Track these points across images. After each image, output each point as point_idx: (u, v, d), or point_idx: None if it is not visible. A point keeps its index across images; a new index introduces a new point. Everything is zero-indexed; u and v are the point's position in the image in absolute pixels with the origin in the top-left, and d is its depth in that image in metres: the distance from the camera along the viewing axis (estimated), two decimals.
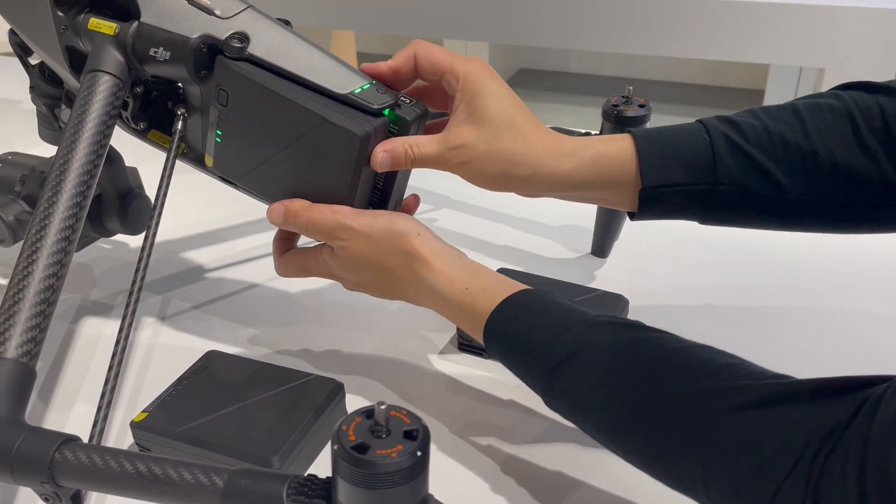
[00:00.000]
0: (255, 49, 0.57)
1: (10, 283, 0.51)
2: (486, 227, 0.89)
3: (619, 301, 0.70)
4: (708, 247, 0.85)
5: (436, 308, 0.57)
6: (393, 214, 0.58)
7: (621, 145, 0.58)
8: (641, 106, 0.73)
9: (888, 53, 1.96)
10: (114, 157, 0.71)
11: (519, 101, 0.58)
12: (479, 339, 0.55)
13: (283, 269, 0.62)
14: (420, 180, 0.99)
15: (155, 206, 0.58)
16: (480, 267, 0.57)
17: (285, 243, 0.63)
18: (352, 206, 0.58)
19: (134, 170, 0.75)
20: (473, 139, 0.56)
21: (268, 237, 0.88)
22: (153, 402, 0.59)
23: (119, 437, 0.60)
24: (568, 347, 0.49)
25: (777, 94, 3.33)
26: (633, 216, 0.60)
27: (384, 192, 0.60)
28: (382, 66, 0.59)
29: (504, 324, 0.53)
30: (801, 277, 0.79)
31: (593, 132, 0.78)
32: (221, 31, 0.58)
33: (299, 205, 0.58)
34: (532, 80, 3.92)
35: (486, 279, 0.55)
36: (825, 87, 2.05)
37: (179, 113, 0.62)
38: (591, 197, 0.61)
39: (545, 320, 0.51)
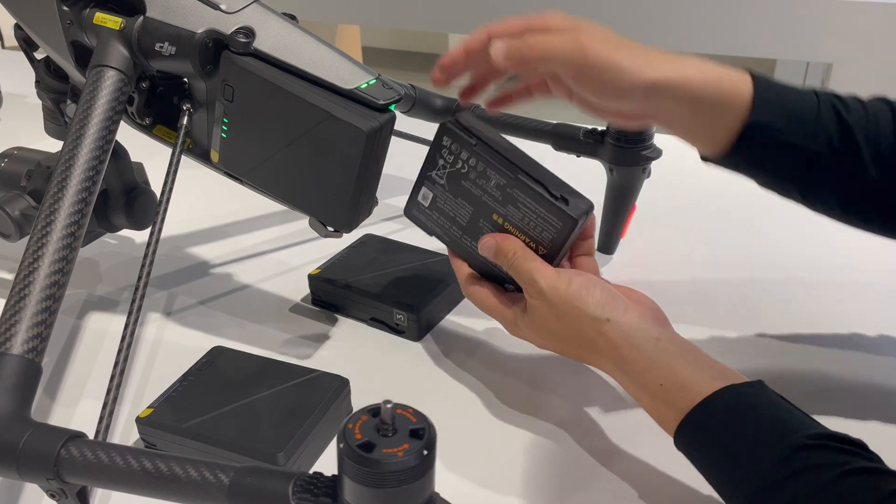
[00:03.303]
0: (261, 44, 0.57)
1: (15, 278, 0.51)
2: None
3: None
4: (713, 246, 0.85)
5: (630, 394, 0.53)
6: (583, 286, 0.54)
7: (736, 74, 0.55)
8: None
9: None
10: (119, 153, 0.71)
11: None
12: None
13: (469, 295, 0.61)
14: None
15: (161, 202, 0.58)
16: (683, 353, 0.51)
17: (472, 276, 0.62)
18: (355, 200, 0.57)
19: (140, 165, 0.75)
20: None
21: (273, 232, 0.88)
22: (159, 397, 0.58)
23: (125, 432, 0.60)
24: (767, 476, 0.43)
25: None
26: (712, 159, 0.57)
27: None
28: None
29: (696, 433, 0.48)
30: (810, 277, 0.79)
31: (599, 128, 0.77)
32: (227, 25, 0.58)
33: (510, 246, 0.57)
34: None
35: (685, 371, 0.49)
36: (832, 83, 2.04)
37: (185, 108, 0.62)
38: (685, 122, 0.56)
39: (746, 435, 0.46)
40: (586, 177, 0.86)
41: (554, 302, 0.54)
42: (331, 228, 0.60)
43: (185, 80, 0.63)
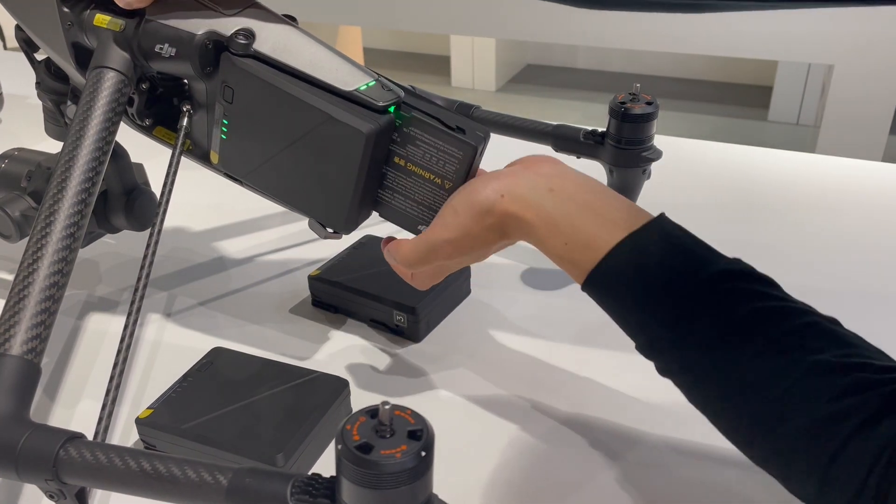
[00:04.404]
0: (261, 46, 0.57)
1: (15, 279, 0.51)
2: None
3: None
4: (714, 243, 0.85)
5: (545, 254, 0.52)
6: (468, 187, 0.53)
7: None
8: (649, 103, 0.73)
9: None
10: (119, 153, 0.71)
11: None
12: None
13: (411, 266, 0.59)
14: None
15: (160, 203, 0.58)
16: (582, 203, 0.50)
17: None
18: (354, 202, 0.57)
19: (140, 166, 0.75)
20: None
21: (272, 233, 0.88)
22: (158, 398, 0.59)
23: (124, 433, 0.60)
24: (669, 323, 0.45)
25: (786, 91, 3.32)
26: None
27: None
28: None
29: (601, 287, 0.48)
30: (809, 276, 0.79)
31: (599, 129, 0.77)
32: (227, 27, 0.58)
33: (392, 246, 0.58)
34: (539, 76, 3.91)
35: (587, 226, 0.49)
36: (833, 85, 2.02)
37: (185, 109, 0.62)
38: None
39: (650, 282, 0.46)
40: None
41: (459, 234, 0.53)
42: (330, 230, 0.61)
43: (185, 81, 0.63)
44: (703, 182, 1.00)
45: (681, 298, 0.45)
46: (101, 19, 0.60)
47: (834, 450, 0.39)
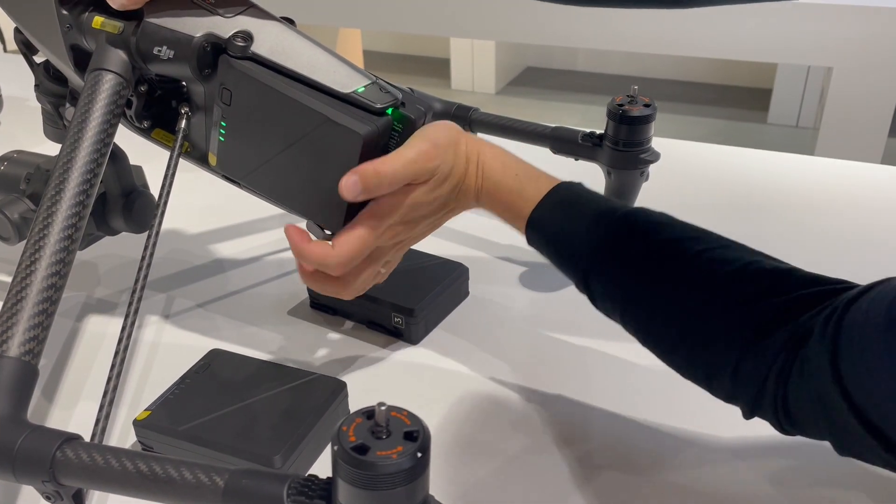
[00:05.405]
0: (259, 48, 0.57)
1: (13, 280, 0.51)
2: (492, 225, 0.89)
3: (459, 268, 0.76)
4: None
5: (487, 200, 0.59)
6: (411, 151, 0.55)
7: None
8: (647, 105, 0.73)
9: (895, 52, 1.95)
10: (118, 156, 0.71)
11: None
12: (518, 228, 0.59)
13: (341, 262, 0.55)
14: None
15: (159, 205, 0.58)
16: (512, 174, 0.59)
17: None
18: (352, 204, 0.57)
19: (138, 168, 0.75)
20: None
21: (270, 235, 0.88)
22: (156, 400, 0.59)
23: (122, 435, 0.60)
24: (599, 247, 0.53)
25: (785, 93, 3.33)
26: None
27: None
28: None
29: (541, 230, 0.57)
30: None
31: (598, 131, 0.77)
32: (225, 29, 0.58)
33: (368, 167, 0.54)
34: (538, 79, 3.91)
35: (531, 169, 0.59)
36: (833, 88, 2.02)
37: (183, 112, 0.62)
38: None
39: (575, 222, 0.55)
40: (585, 180, 0.87)
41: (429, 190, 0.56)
42: (328, 232, 0.61)
43: (184, 83, 0.63)
44: (701, 184, 1.00)
45: (604, 233, 0.54)
46: (100, 21, 0.60)
47: (742, 352, 0.46)
